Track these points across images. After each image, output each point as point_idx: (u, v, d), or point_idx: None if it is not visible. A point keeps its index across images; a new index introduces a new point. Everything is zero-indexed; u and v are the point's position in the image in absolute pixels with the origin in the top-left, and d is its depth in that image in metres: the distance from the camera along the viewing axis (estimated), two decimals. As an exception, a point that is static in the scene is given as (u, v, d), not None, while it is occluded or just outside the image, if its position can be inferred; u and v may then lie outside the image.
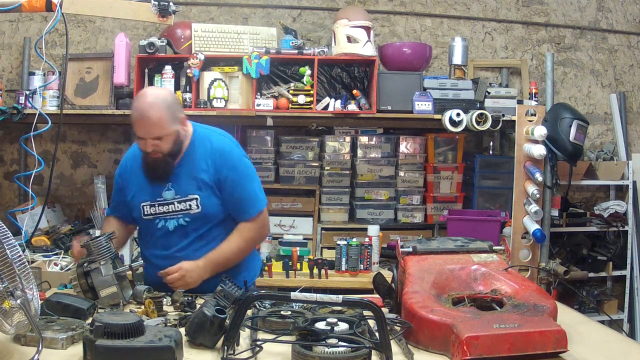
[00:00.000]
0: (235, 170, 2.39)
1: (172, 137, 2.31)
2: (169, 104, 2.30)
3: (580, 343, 1.79)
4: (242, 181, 2.40)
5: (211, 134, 2.46)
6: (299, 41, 3.76)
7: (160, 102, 2.27)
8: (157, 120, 2.25)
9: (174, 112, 2.31)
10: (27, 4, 2.41)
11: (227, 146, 2.44)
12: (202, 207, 2.37)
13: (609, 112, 4.58)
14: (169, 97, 2.34)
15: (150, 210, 2.41)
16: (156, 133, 2.27)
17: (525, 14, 4.49)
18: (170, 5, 2.56)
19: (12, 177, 3.99)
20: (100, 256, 2.16)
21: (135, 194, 2.45)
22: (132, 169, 2.48)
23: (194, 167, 2.38)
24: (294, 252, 3.50)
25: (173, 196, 2.38)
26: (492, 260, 2.05)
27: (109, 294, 2.12)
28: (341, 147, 4.01)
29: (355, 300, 1.73)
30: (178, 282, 2.27)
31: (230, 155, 2.41)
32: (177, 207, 2.38)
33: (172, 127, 2.30)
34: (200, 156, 2.39)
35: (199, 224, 2.39)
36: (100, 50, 4.14)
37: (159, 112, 2.25)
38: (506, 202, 3.99)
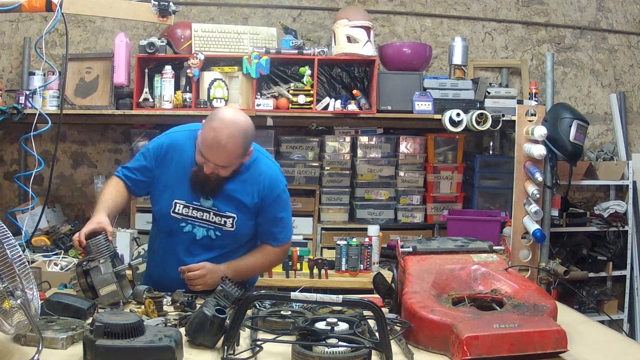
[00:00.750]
0: (278, 200, 2.38)
1: (235, 167, 2.26)
2: (247, 138, 2.21)
3: (580, 343, 1.79)
4: (281, 212, 2.41)
5: (260, 157, 2.39)
6: (299, 41, 3.76)
7: (240, 136, 2.18)
8: (230, 153, 2.18)
9: (247, 146, 2.24)
10: (27, 4, 2.41)
11: (276, 176, 2.40)
12: (236, 227, 2.34)
13: (609, 112, 4.58)
14: (248, 130, 2.22)
15: (183, 210, 2.33)
16: (223, 163, 2.21)
17: (525, 14, 4.49)
18: (170, 5, 2.56)
19: (12, 177, 4.00)
20: (99, 254, 2.15)
21: (167, 187, 2.35)
22: (171, 160, 2.35)
23: (238, 188, 2.32)
24: (294, 252, 3.50)
25: (210, 206, 2.33)
26: (492, 260, 2.05)
27: (108, 292, 2.11)
28: (341, 147, 4.01)
29: (355, 300, 1.73)
30: (198, 280, 2.26)
31: (277, 186, 2.38)
32: (212, 218, 2.33)
33: (239, 160, 2.25)
34: (248, 178, 2.33)
35: (227, 241, 2.36)
36: (100, 50, 4.14)
37: (235, 147, 2.18)
38: (506, 202, 3.99)
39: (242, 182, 2.33)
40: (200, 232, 2.35)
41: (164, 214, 2.36)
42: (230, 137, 2.15)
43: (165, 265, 2.39)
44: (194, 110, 3.58)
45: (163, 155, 2.37)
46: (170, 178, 2.35)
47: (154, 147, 2.40)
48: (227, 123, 2.18)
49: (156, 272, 2.46)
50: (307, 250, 3.67)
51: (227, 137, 2.15)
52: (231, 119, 2.19)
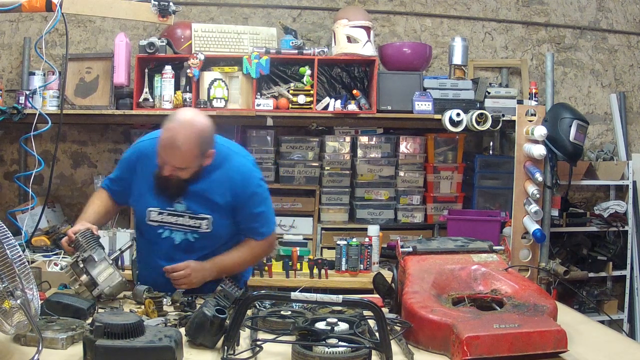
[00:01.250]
0: (253, 196, 2.36)
1: (193, 169, 2.24)
2: (203, 140, 2.20)
3: (580, 343, 1.79)
4: (260, 206, 2.39)
5: (232, 155, 2.38)
6: (299, 41, 3.76)
7: (195, 136, 2.16)
8: (185, 154, 2.17)
9: (205, 148, 2.22)
10: (27, 4, 2.41)
11: (248, 172, 2.37)
12: (213, 228, 2.33)
13: (609, 112, 4.58)
14: (205, 131, 2.21)
15: (158, 217, 2.34)
16: (180, 165, 2.20)
17: (525, 14, 4.49)
18: (170, 5, 2.56)
19: (12, 177, 3.99)
20: (89, 245, 2.17)
21: (142, 196, 2.37)
22: (142, 168, 2.37)
23: (209, 188, 2.31)
24: (294, 252, 3.50)
25: (184, 209, 2.33)
26: (492, 260, 2.05)
27: (107, 277, 2.12)
28: (341, 147, 4.01)
29: (355, 300, 1.73)
30: (183, 279, 2.26)
31: (250, 183, 2.36)
32: (188, 222, 2.33)
33: (197, 161, 2.22)
34: (218, 178, 2.32)
35: (206, 242, 2.35)
36: (100, 50, 4.14)
37: (190, 148, 2.16)
38: (506, 202, 3.99)
39: (214, 181, 2.32)
40: (179, 236, 2.35)
41: (141, 223, 2.40)
42: (186, 138, 2.14)
43: (151, 271, 2.39)
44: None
45: (133, 165, 2.40)
46: (142, 187, 2.37)
47: (125, 158, 2.46)
48: (183, 124, 2.17)
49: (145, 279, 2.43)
50: (307, 250, 3.67)
51: (182, 138, 2.14)
52: (188, 121, 2.19)
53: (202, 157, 2.24)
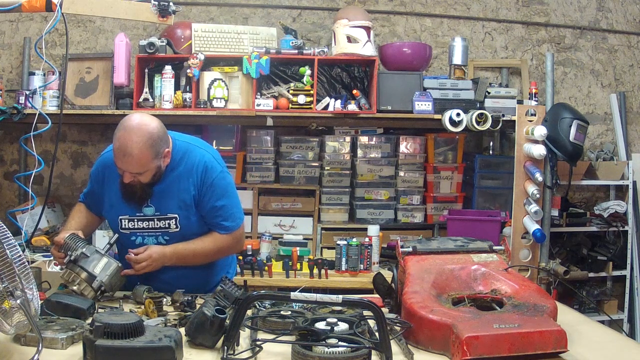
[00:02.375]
0: (215, 187, 2.34)
1: (152, 172, 2.24)
2: (154, 142, 2.19)
3: (580, 343, 1.79)
4: (222, 198, 2.36)
5: (191, 148, 2.38)
6: (299, 41, 3.76)
7: (144, 140, 2.16)
8: (138, 159, 2.17)
9: (158, 149, 2.21)
10: (27, 4, 2.41)
11: (209, 162, 2.36)
12: (180, 227, 2.34)
13: (609, 112, 4.58)
14: (155, 133, 2.20)
15: (129, 224, 2.36)
16: (136, 170, 2.21)
17: (525, 14, 4.49)
18: (170, 5, 2.55)
19: (12, 177, 4.00)
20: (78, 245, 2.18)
21: (112, 206, 2.39)
22: (109, 179, 2.39)
23: (174, 185, 2.33)
24: (294, 252, 3.50)
25: (153, 213, 2.34)
26: (492, 260, 2.05)
27: (103, 267, 2.13)
28: (341, 147, 4.01)
29: (355, 300, 1.73)
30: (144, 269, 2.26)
31: (211, 172, 2.34)
32: (157, 224, 2.35)
33: (153, 163, 2.22)
34: (181, 174, 2.33)
35: (177, 242, 2.36)
36: (100, 50, 4.14)
37: (141, 151, 2.16)
38: (506, 202, 3.99)
39: (176, 178, 2.33)
40: (150, 241, 2.37)
41: (115, 230, 2.41)
42: (136, 144, 2.15)
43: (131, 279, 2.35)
44: (194, 110, 3.58)
45: (101, 177, 2.43)
46: (112, 197, 2.39)
47: (93, 171, 2.49)
48: (130, 131, 2.17)
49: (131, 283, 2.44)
50: (307, 250, 3.67)
51: (132, 144, 2.15)
52: (135, 126, 2.18)
53: (158, 159, 2.24)
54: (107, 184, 2.40)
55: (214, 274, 2.50)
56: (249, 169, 3.91)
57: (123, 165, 2.21)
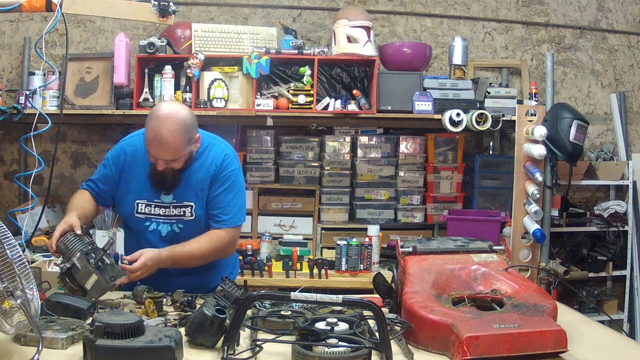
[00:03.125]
0: (225, 179, 2.38)
1: (185, 158, 2.29)
2: (187, 128, 2.24)
3: (580, 343, 1.79)
4: (228, 191, 2.38)
5: (214, 143, 2.45)
6: (299, 41, 3.76)
7: (179, 128, 2.21)
8: (173, 147, 2.22)
9: (190, 135, 2.27)
10: (27, 4, 2.41)
11: (228, 156, 2.42)
12: (195, 215, 2.37)
13: (609, 112, 4.58)
14: (187, 120, 2.26)
15: (145, 209, 2.39)
16: (171, 157, 2.26)
17: (525, 14, 4.49)
18: (170, 5, 2.55)
19: (12, 177, 4.00)
20: (71, 251, 2.14)
21: (131, 190, 2.41)
22: (133, 165, 2.42)
23: (193, 175, 2.37)
24: (294, 252, 3.50)
25: (170, 200, 2.37)
26: (492, 260, 2.05)
27: (93, 284, 2.10)
28: (341, 147, 4.01)
29: (355, 300, 1.73)
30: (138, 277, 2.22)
31: (227, 165, 2.39)
32: (172, 212, 2.37)
33: (186, 150, 2.28)
34: (202, 165, 2.38)
35: (191, 231, 2.36)
36: (100, 50, 4.14)
37: (176, 139, 2.21)
38: (506, 202, 3.99)
39: (197, 169, 2.38)
40: (165, 228, 2.38)
41: (129, 216, 2.43)
42: (170, 132, 2.19)
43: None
44: (194, 110, 3.55)
45: (122, 162, 2.44)
46: (131, 181, 2.41)
47: (113, 155, 2.49)
48: (163, 119, 2.21)
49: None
50: (307, 250, 3.67)
51: (166, 133, 2.19)
52: (167, 115, 2.23)
53: (190, 144, 2.29)
54: (128, 168, 2.41)
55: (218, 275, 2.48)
56: (249, 169, 3.91)
57: (158, 154, 2.24)
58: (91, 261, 2.12)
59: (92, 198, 2.49)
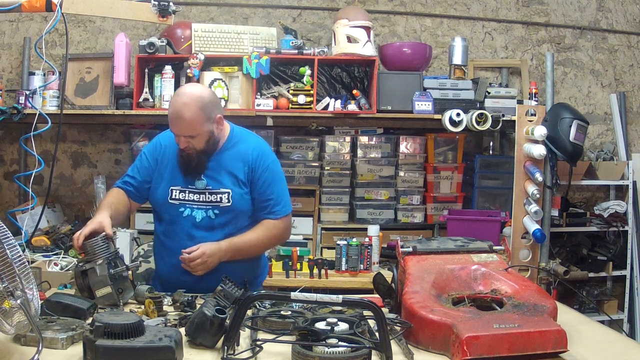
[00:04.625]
0: (269, 171, 2.44)
1: (205, 136, 2.34)
2: (204, 105, 2.31)
3: (580, 343, 1.79)
4: (274, 183, 2.45)
5: (249, 135, 2.53)
6: (299, 41, 3.76)
7: (195, 102, 2.29)
8: (190, 120, 2.28)
9: (209, 112, 2.32)
10: (27, 4, 2.41)
11: (265, 148, 2.49)
12: (232, 202, 2.39)
13: (609, 112, 4.58)
14: (205, 97, 2.34)
15: (180, 195, 2.42)
16: (189, 132, 2.31)
17: (525, 14, 4.49)
18: (170, 5, 2.55)
19: (12, 177, 3.99)
20: (96, 256, 2.15)
21: (165, 179, 2.46)
22: (168, 154, 2.48)
23: (230, 163, 2.42)
24: (294, 252, 3.50)
25: (205, 186, 2.40)
26: (492, 260, 2.05)
27: (104, 295, 2.11)
28: (341, 147, 4.01)
29: (355, 300, 1.73)
30: (200, 266, 2.29)
31: (266, 157, 2.46)
32: (208, 197, 2.40)
33: (205, 127, 2.32)
34: (237, 154, 2.44)
35: (227, 218, 2.40)
36: (100, 50, 4.14)
37: (193, 113, 2.28)
38: (506, 202, 4.00)
39: (232, 156, 2.43)
40: (199, 214, 2.41)
41: (163, 203, 2.46)
42: (186, 105, 2.28)
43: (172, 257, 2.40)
44: (194, 110, 3.57)
45: (160, 153, 2.51)
46: (167, 170, 2.47)
47: (150, 148, 2.56)
48: (182, 95, 2.33)
49: (164, 269, 2.48)
50: (307, 250, 3.67)
51: (182, 106, 2.28)
52: (186, 92, 2.35)
53: (209, 122, 2.34)
54: (165, 159, 2.48)
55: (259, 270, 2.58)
56: (249, 169, 3.91)
57: (176, 129, 2.32)
58: (111, 271, 2.14)
59: (125, 197, 2.51)
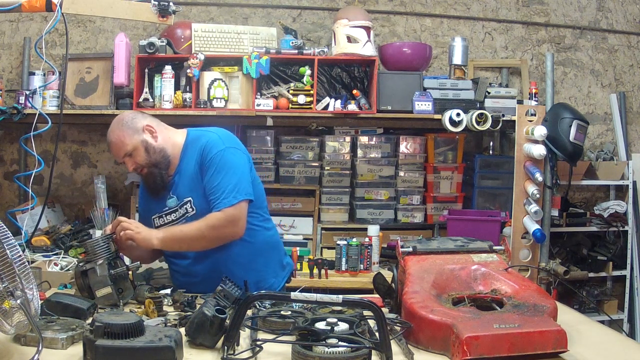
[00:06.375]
0: (212, 162, 2.32)
1: (140, 148, 2.36)
2: (125, 121, 2.39)
3: (580, 343, 1.79)
4: (218, 174, 2.31)
5: (202, 134, 2.43)
6: (299, 41, 3.76)
7: (117, 123, 2.39)
8: (117, 140, 2.37)
9: (133, 125, 2.38)
10: (27, 4, 2.41)
11: (211, 140, 2.37)
12: (196, 209, 2.36)
13: (609, 112, 4.58)
14: (125, 115, 2.44)
15: (160, 221, 2.43)
16: (123, 151, 2.37)
17: (525, 14, 4.49)
18: (170, 5, 2.55)
19: (12, 177, 3.99)
20: (96, 256, 2.16)
21: (145, 210, 2.53)
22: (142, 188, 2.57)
23: (186, 170, 2.39)
24: (294, 252, 3.50)
25: (176, 203, 2.40)
26: (492, 260, 2.05)
27: (104, 295, 2.11)
28: (341, 147, 4.01)
29: (355, 300, 1.73)
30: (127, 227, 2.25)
31: (211, 148, 2.34)
32: (179, 213, 2.39)
33: (135, 138, 2.36)
34: (191, 157, 2.39)
35: None
36: (100, 50, 4.14)
37: (116, 132, 2.38)
38: (506, 202, 3.99)
39: (188, 162, 2.41)
40: None
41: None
42: (111, 131, 2.41)
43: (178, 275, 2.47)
44: (194, 110, 3.58)
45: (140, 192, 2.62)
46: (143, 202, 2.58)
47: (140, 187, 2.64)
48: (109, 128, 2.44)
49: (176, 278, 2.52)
50: (307, 250, 3.67)
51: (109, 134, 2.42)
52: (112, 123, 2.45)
53: (137, 133, 2.37)
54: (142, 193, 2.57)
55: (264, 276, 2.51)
56: (249, 169, 3.91)
57: (115, 155, 2.43)
58: (111, 271, 2.14)
59: None
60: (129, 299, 2.18)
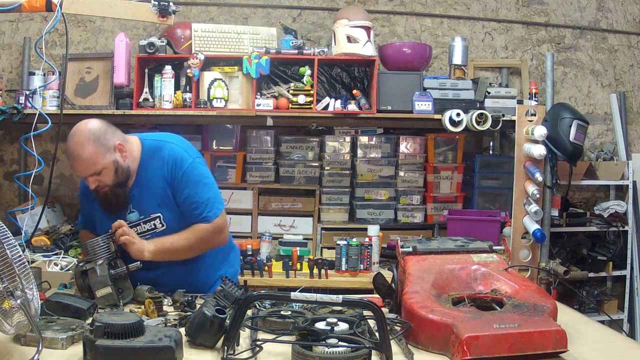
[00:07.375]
0: (187, 177, 2.31)
1: (110, 169, 2.24)
2: (97, 137, 2.22)
3: (580, 343, 1.79)
4: (196, 187, 2.32)
5: (161, 145, 2.37)
6: (299, 41, 3.76)
7: (87, 138, 2.20)
8: (88, 158, 2.19)
9: (105, 142, 2.23)
10: (27, 4, 2.41)
11: (178, 154, 2.33)
12: (166, 224, 2.33)
13: (609, 112, 4.58)
14: (95, 128, 2.24)
15: None
16: (92, 170, 2.22)
17: (525, 14, 4.49)
18: (170, 5, 2.55)
19: (12, 177, 3.99)
20: (96, 256, 2.16)
21: (100, 222, 2.40)
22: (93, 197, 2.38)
23: (150, 184, 2.32)
24: (294, 252, 3.50)
25: (138, 217, 2.34)
26: (492, 260, 2.05)
27: (104, 295, 2.11)
28: (341, 147, 4.01)
29: (355, 300, 1.73)
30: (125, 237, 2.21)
31: (181, 163, 2.32)
32: (144, 227, 2.34)
33: (107, 159, 2.23)
34: (154, 171, 2.32)
35: None
36: (100, 50, 4.14)
37: (88, 149, 2.19)
38: (506, 202, 3.99)
39: (151, 176, 2.33)
40: None
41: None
42: (79, 144, 2.19)
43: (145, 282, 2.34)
44: (194, 110, 3.58)
45: (87, 195, 2.41)
46: (95, 213, 2.41)
47: (80, 192, 2.50)
48: (72, 137, 2.22)
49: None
50: (307, 250, 3.67)
51: (76, 146, 2.19)
52: (75, 131, 2.23)
53: (110, 153, 2.24)
54: (93, 201, 2.38)
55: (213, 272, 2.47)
56: (249, 169, 3.91)
57: (79, 171, 2.24)
58: (111, 272, 2.14)
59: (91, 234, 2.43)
60: (128, 299, 2.18)
